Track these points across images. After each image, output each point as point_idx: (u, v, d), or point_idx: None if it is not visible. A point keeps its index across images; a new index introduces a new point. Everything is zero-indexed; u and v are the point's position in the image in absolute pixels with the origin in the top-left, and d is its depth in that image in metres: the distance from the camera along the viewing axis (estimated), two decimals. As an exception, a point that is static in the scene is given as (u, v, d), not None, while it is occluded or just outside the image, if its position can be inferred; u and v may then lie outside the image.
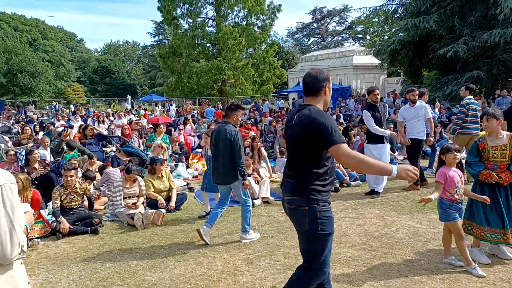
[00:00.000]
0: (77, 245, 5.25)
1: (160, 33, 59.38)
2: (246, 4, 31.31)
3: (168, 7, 31.25)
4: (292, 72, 46.94)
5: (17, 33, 55.25)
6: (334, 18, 65.62)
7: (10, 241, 1.78)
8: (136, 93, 59.10)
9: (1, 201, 1.79)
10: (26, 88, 39.40)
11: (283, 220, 5.98)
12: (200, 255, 4.77)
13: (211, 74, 30.53)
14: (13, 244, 1.79)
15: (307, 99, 2.93)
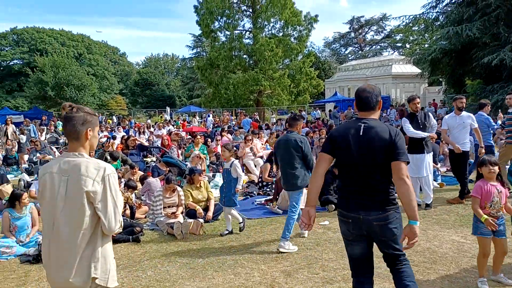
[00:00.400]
0: (120, 253, 5.41)
1: (198, 46, 60.75)
2: (282, 16, 31.47)
3: (206, 21, 31.91)
4: (329, 82, 46.61)
5: (64, 48, 58.11)
6: (372, 27, 64.83)
7: (114, 217, 2.34)
8: (175, 105, 60.55)
9: (108, 187, 2.33)
10: (72, 101, 41.14)
11: (321, 232, 5.92)
12: (238, 265, 4.80)
13: (247, 85, 30.79)
14: (116, 220, 2.35)
15: (365, 113, 3.04)
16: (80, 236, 2.32)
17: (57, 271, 2.36)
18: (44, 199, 2.41)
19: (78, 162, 2.35)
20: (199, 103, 44.69)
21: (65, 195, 2.33)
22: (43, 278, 4.62)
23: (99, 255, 2.37)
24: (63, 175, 2.35)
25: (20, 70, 54.81)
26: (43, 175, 2.42)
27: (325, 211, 7.11)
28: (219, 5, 31.01)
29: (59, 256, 2.35)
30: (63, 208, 2.33)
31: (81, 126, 2.39)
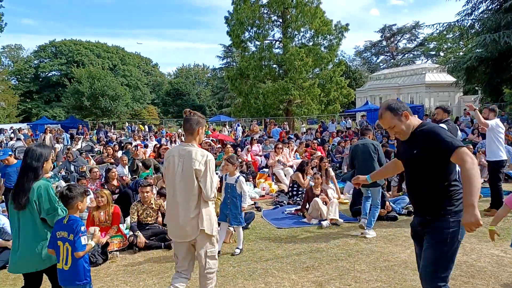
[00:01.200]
0: (152, 259, 5.49)
1: (228, 56, 61.52)
2: (313, 25, 31.46)
3: (237, 31, 32.30)
4: (360, 91, 46.09)
5: (100, 59, 60.21)
6: (405, 36, 63.85)
7: (210, 189, 3.45)
8: (205, 114, 61.35)
9: (208, 168, 3.44)
10: (107, 110, 42.48)
11: (353, 243, 5.82)
12: (268, 274, 4.77)
13: (277, 94, 30.84)
14: (212, 191, 3.47)
15: None
16: (191, 200, 3.46)
17: (176, 226, 3.52)
18: (168, 174, 3.58)
19: (190, 149, 3.49)
20: (228, 113, 45.10)
21: (181, 172, 3.48)
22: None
23: (203, 214, 3.47)
24: (180, 158, 3.50)
25: (58, 81, 57.12)
26: (168, 157, 3.60)
27: (356, 222, 6.99)
28: (250, 16, 31.34)
29: (178, 215, 3.49)
30: (180, 181, 3.48)
31: (195, 125, 3.55)
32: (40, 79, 60.84)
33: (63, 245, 3.24)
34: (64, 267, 3.24)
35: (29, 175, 3.32)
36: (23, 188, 3.28)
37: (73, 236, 3.21)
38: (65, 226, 3.27)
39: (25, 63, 61.83)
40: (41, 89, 59.61)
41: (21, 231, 3.33)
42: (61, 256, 3.25)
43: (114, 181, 8.86)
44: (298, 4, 31.10)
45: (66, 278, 3.26)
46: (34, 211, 3.29)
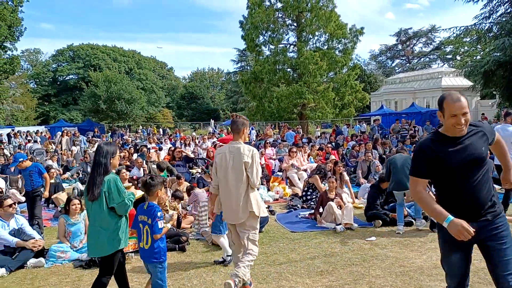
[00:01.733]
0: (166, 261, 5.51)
1: (242, 60, 61.76)
2: (327, 29, 31.39)
3: (251, 35, 32.42)
4: (375, 95, 45.76)
5: (116, 63, 61.04)
6: (421, 39, 63.25)
7: (256, 178, 4.21)
8: (219, 118, 61.61)
9: (254, 160, 4.20)
10: (123, 113, 43.01)
11: (368, 248, 5.77)
12: (282, 278, 4.76)
13: (291, 98, 30.81)
14: (257, 179, 4.24)
15: None
16: (241, 188, 4.22)
17: (231, 211, 4.25)
18: (220, 168, 4.31)
19: (239, 146, 4.27)
20: (242, 116, 45.18)
21: (232, 165, 4.23)
22: (94, 283, 4.81)
23: (251, 198, 4.22)
24: (231, 154, 4.27)
25: (75, 85, 58.03)
26: (219, 154, 4.38)
27: (371, 227, 6.93)
28: (264, 20, 31.43)
29: (231, 201, 4.23)
30: (231, 173, 4.22)
31: (241, 126, 4.33)
32: (58, 83, 61.95)
33: (143, 228, 3.83)
34: (145, 246, 3.81)
35: (99, 170, 3.71)
36: (95, 181, 3.68)
37: (151, 220, 3.76)
38: (145, 211, 3.85)
39: (43, 67, 63.08)
40: (58, 93, 60.67)
41: (92, 219, 3.76)
42: (142, 236, 3.83)
43: (125, 182, 8.96)
44: (313, 8, 31.08)
45: (146, 256, 3.86)
46: (103, 202, 3.67)
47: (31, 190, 6.85)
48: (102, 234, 3.68)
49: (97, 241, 3.70)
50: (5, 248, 5.46)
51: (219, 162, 4.32)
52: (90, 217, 3.78)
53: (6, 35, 22.88)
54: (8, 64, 23.24)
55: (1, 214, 5.68)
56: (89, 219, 3.85)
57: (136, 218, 3.89)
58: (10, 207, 5.72)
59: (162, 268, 3.88)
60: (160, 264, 3.83)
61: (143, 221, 3.83)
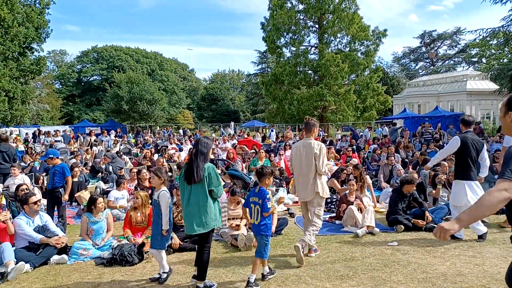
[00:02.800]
0: (186, 261, 5.55)
1: (263, 62, 61.79)
2: (350, 31, 31.15)
3: (272, 37, 32.43)
4: (398, 98, 45.09)
5: (138, 65, 61.93)
6: (445, 42, 62.04)
7: (322, 166, 5.32)
8: (239, 119, 61.77)
9: (321, 153, 5.35)
10: (144, 114, 43.51)
11: (389, 253, 5.66)
12: (301, 281, 4.71)
13: (312, 100, 30.67)
14: (324, 167, 5.34)
15: None
16: (311, 173, 5.37)
17: (304, 191, 5.44)
18: (296, 158, 5.52)
19: (310, 141, 5.42)
20: (262, 118, 45.23)
21: (305, 156, 5.42)
22: (116, 281, 4.87)
23: (318, 182, 5.38)
24: (304, 148, 5.44)
25: (99, 85, 59.15)
26: (295, 147, 5.61)
27: (393, 232, 6.80)
28: (286, 22, 31.40)
29: (303, 183, 5.44)
30: (304, 162, 5.41)
31: (312, 127, 5.50)
32: (82, 83, 63.24)
33: (254, 207, 4.71)
34: (255, 222, 4.70)
35: (201, 158, 4.40)
36: (198, 167, 4.36)
37: (261, 201, 4.63)
38: (256, 193, 4.75)
39: (68, 67, 64.52)
40: (82, 93, 61.94)
41: (192, 200, 4.39)
42: (253, 214, 4.71)
43: (145, 182, 9.07)
44: (335, 10, 30.89)
45: (256, 230, 4.72)
46: (205, 185, 4.37)
47: (51, 189, 7.01)
48: (204, 214, 4.37)
49: (199, 220, 4.36)
50: (30, 244, 5.58)
51: (295, 154, 5.56)
52: (190, 198, 4.40)
53: (33, 37, 23.48)
54: (35, 65, 23.84)
55: (26, 211, 5.80)
56: (185, 200, 4.45)
57: (248, 199, 4.83)
58: (35, 204, 5.84)
59: (267, 241, 4.65)
60: (266, 237, 4.64)
61: (254, 201, 4.72)
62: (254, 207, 4.70)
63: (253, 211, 4.70)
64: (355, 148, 15.26)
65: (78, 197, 9.27)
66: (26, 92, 23.25)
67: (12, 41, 21.48)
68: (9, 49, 21.46)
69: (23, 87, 22.85)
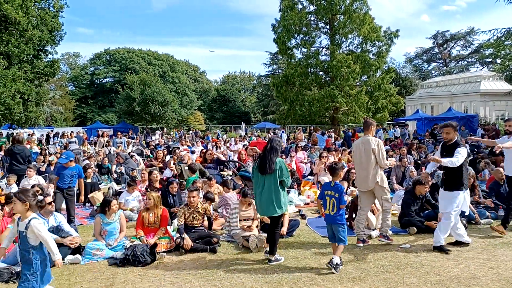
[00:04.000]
0: (198, 262, 5.57)
1: (274, 63, 61.76)
2: (361, 32, 30.99)
3: (283, 38, 32.42)
4: (410, 99, 44.70)
5: (150, 67, 62.42)
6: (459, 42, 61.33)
7: (383, 160, 6.03)
8: (249, 121, 61.85)
9: (379, 147, 5.98)
10: (156, 116, 43.83)
11: (402, 256, 5.62)
12: (313, 283, 4.70)
13: (323, 101, 30.57)
14: (384, 160, 6.03)
15: None
16: (370, 166, 5.97)
17: (364, 182, 6.09)
18: (356, 153, 6.20)
19: (368, 138, 6.05)
20: (273, 120, 45.21)
21: (364, 152, 6.02)
22: (128, 281, 4.91)
23: (378, 174, 6.01)
24: (363, 144, 6.06)
25: (111, 87, 59.77)
26: (355, 144, 6.29)
27: (406, 234, 6.74)
28: (296, 23, 31.37)
29: (363, 175, 6.07)
30: (364, 157, 6.03)
31: (369, 125, 6.24)
32: (95, 85, 63.95)
33: (329, 199, 5.26)
34: (331, 212, 5.24)
35: (274, 153, 5.34)
36: (271, 161, 5.30)
37: (338, 194, 5.21)
38: (331, 187, 5.31)
39: (81, 70, 65.28)
40: (95, 95, 62.62)
41: (265, 189, 5.32)
42: (328, 206, 5.27)
43: (156, 183, 9.13)
44: (346, 11, 30.78)
45: (331, 219, 5.25)
46: (276, 175, 5.29)
47: (67, 188, 7.13)
48: (276, 200, 5.28)
49: (272, 205, 5.27)
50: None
51: (355, 150, 6.24)
52: (264, 187, 5.33)
53: (47, 39, 23.83)
54: (49, 67, 24.17)
55: (41, 212, 5.89)
56: (259, 188, 5.38)
57: (323, 193, 5.43)
58: (50, 204, 5.93)
59: (344, 228, 5.22)
60: (342, 225, 5.20)
61: (329, 194, 5.28)
62: (330, 200, 5.26)
63: (329, 203, 5.27)
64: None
65: (91, 197, 9.38)
66: (40, 94, 23.56)
67: (27, 44, 21.83)
68: (24, 52, 21.80)
69: (37, 89, 23.17)
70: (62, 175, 7.43)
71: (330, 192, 5.29)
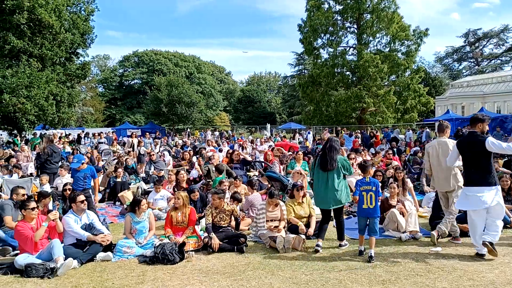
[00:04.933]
0: (225, 261, 5.61)
1: (300, 64, 61.56)
2: (389, 31, 30.47)
3: (309, 38, 32.25)
4: (440, 99, 43.66)
5: (177, 68, 63.27)
6: (491, 40, 59.43)
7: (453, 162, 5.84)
8: (275, 121, 61.78)
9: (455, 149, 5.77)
10: (183, 117, 44.37)
11: (433, 259, 5.48)
12: (342, 285, 4.65)
13: (350, 102, 30.23)
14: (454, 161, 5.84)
15: None
16: (447, 168, 6.02)
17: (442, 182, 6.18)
18: (433, 154, 6.26)
19: (444, 140, 6.18)
20: (299, 120, 45.01)
21: (441, 153, 6.13)
22: (158, 278, 4.99)
23: (456, 174, 6.07)
24: (439, 145, 6.19)
25: (139, 89, 60.91)
26: (430, 146, 6.38)
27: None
28: (323, 23, 31.14)
29: (442, 177, 6.15)
30: (442, 158, 6.09)
31: (445, 128, 6.28)
32: (124, 87, 65.35)
33: (366, 194, 5.58)
34: (370, 206, 5.58)
35: (334, 151, 6.00)
36: (332, 159, 5.96)
37: (375, 187, 5.58)
38: (367, 182, 5.65)
39: (111, 72, 66.84)
40: (124, 96, 64.01)
41: (329, 184, 5.96)
42: (366, 200, 5.58)
43: (183, 183, 9.24)
44: (374, 10, 30.33)
45: (369, 213, 5.59)
46: (340, 171, 6.01)
47: (82, 190, 7.36)
48: (340, 193, 5.96)
49: (335, 198, 5.95)
50: (77, 241, 5.82)
51: (431, 152, 6.28)
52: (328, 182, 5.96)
53: (79, 42, 24.47)
54: (80, 70, 24.82)
55: (74, 209, 6.06)
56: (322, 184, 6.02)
57: (358, 189, 5.70)
58: (82, 203, 6.09)
59: (378, 221, 5.68)
60: (378, 218, 5.63)
61: (366, 189, 5.60)
62: (367, 194, 5.56)
63: (366, 198, 5.57)
64: (395, 151, 14.88)
65: (121, 196, 9.58)
66: (72, 96, 24.22)
67: (60, 46, 22.48)
68: (56, 55, 22.46)
69: (69, 91, 23.82)
70: (75, 178, 7.65)
71: (367, 187, 5.56)
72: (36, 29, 20.37)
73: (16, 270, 5.27)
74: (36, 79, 19.68)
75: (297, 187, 7.05)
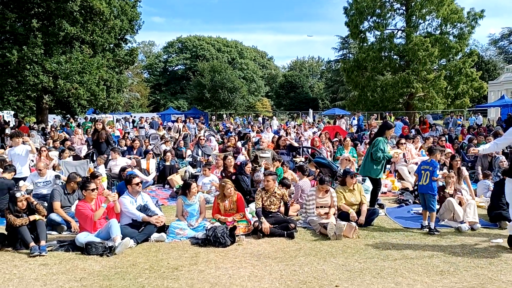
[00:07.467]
0: (276, 246, 5.62)
1: (344, 48, 60.13)
2: (440, 13, 28.98)
3: (355, 21, 31.29)
4: (494, 84, 41.38)
5: (219, 54, 63.66)
6: (552, 20, 55.27)
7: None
8: (317, 107, 60.98)
9: None
10: (225, 102, 44.78)
11: (494, 251, 5.24)
12: (398, 274, 4.53)
13: (397, 87, 29.18)
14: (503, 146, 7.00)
15: None
16: None
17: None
18: None
19: None
20: (342, 106, 44.16)
21: None
22: (211, 260, 5.07)
23: None
24: None
25: (183, 74, 61.93)
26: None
27: (496, 228, 6.28)
28: (370, 5, 30.10)
29: None
30: None
31: None
32: (168, 73, 66.66)
33: (424, 173, 6.20)
34: (424, 183, 6.21)
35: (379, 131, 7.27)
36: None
37: (432, 168, 6.15)
38: (428, 163, 6.28)
39: (155, 58, 68.27)
40: (168, 82, 65.32)
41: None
42: (422, 178, 6.23)
43: (230, 168, 9.31)
44: (423, -10, 28.91)
45: (424, 189, 6.21)
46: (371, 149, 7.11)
47: None
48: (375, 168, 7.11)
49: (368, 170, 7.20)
50: (133, 222, 6.02)
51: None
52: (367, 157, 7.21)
53: (127, 29, 25.14)
54: (129, 55, 25.53)
55: (130, 191, 6.26)
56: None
57: (419, 168, 6.42)
58: (137, 185, 6.28)
59: (434, 198, 6.17)
60: (433, 196, 6.15)
61: (425, 168, 6.23)
62: (425, 173, 6.18)
63: (423, 175, 6.20)
64: (447, 138, 14.26)
65: (171, 180, 9.82)
66: (121, 81, 25.02)
67: (109, 33, 23.16)
68: (106, 41, 23.20)
69: (118, 77, 24.60)
70: None
71: (426, 166, 6.23)
72: (87, 16, 21.06)
73: (77, 248, 5.53)
74: (88, 65, 20.43)
75: (351, 174, 6.90)
